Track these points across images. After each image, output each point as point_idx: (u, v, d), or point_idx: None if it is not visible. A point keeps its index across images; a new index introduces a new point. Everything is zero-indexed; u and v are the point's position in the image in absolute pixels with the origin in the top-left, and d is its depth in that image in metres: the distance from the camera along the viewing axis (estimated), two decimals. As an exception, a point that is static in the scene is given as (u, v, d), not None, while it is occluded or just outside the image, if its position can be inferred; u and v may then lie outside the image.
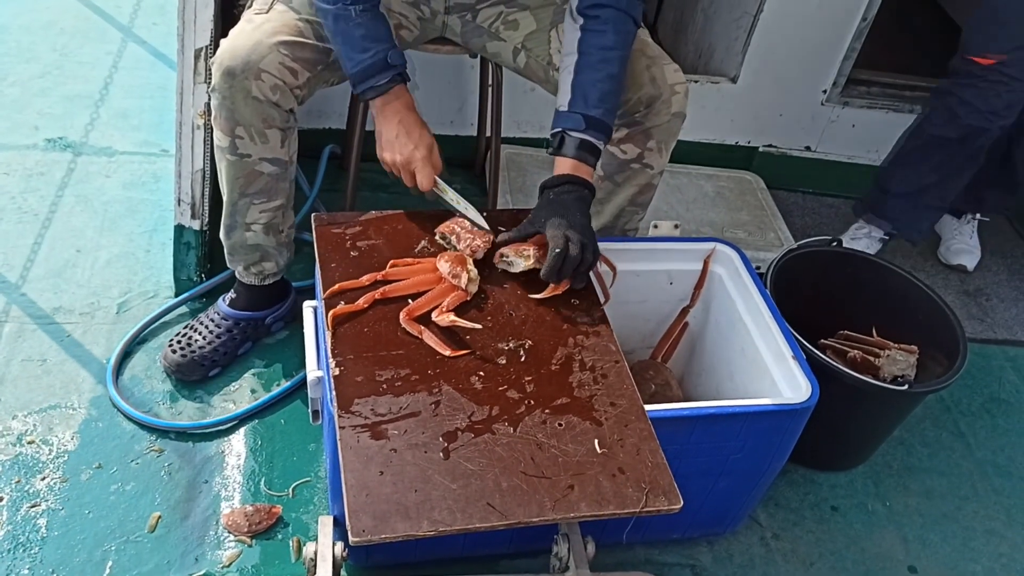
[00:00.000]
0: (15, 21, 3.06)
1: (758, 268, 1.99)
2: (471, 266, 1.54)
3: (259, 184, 1.79)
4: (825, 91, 2.79)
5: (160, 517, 1.72)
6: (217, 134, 1.73)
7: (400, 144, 1.64)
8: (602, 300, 1.60)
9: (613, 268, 1.68)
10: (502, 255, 1.57)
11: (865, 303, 2.12)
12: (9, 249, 2.21)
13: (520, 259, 1.57)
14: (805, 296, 2.00)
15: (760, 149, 2.90)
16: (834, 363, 1.86)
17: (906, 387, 1.92)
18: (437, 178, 1.66)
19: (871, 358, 2.01)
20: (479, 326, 1.47)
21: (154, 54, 3.04)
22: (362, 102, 1.67)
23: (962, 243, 2.76)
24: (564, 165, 1.63)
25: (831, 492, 2.04)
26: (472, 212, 1.64)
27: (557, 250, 1.50)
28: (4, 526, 1.66)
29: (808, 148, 2.92)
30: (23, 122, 2.63)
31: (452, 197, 1.66)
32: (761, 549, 1.89)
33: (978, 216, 2.78)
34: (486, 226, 1.62)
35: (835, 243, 2.14)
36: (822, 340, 2.06)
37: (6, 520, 1.67)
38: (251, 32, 1.65)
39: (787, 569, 1.86)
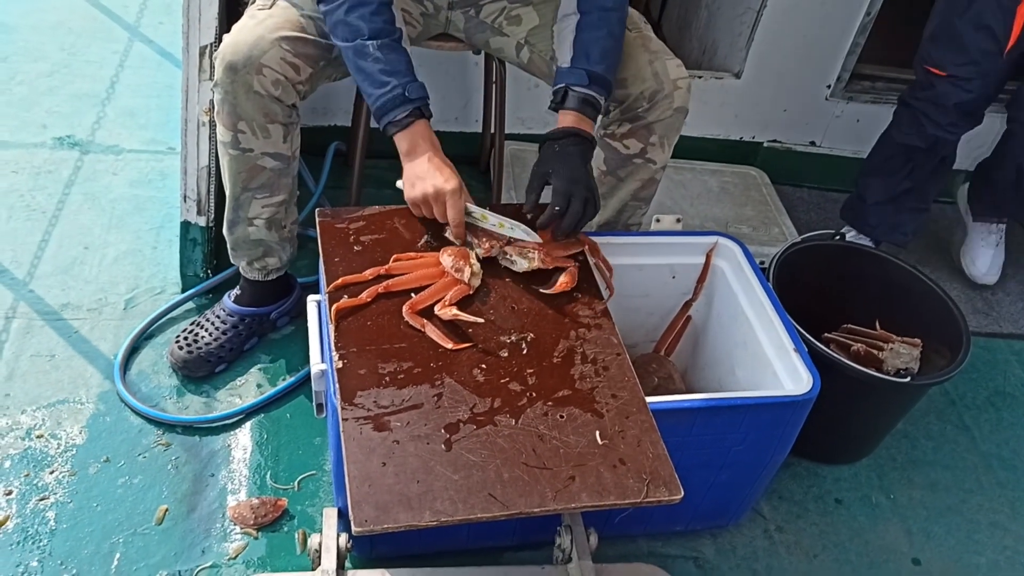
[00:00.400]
0: (24, 21, 3.08)
1: (762, 263, 2.00)
2: (474, 260, 1.55)
3: (261, 179, 1.80)
4: (829, 86, 2.79)
5: (167, 510, 1.74)
6: (220, 129, 1.75)
7: (431, 178, 1.60)
8: (606, 295, 1.61)
9: (610, 269, 1.68)
10: (505, 253, 1.58)
11: (869, 297, 2.13)
12: (18, 246, 2.23)
13: (523, 260, 1.57)
14: (809, 290, 2.00)
15: (764, 144, 2.90)
16: (837, 356, 1.86)
17: (908, 379, 1.92)
18: (472, 206, 1.63)
19: (875, 351, 2.01)
20: (481, 320, 1.49)
21: (160, 53, 3.06)
22: (386, 135, 1.66)
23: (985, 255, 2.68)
24: (567, 118, 1.66)
25: (835, 485, 2.04)
26: (519, 231, 1.61)
27: (556, 207, 1.57)
28: (13, 519, 1.68)
29: (813, 143, 2.92)
30: (31, 120, 2.65)
31: (493, 222, 1.62)
32: (765, 541, 1.89)
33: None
34: (537, 237, 1.60)
35: (838, 237, 2.14)
36: (826, 334, 2.07)
37: (15, 513, 1.69)
38: (253, 27, 1.67)
39: (790, 561, 1.87)
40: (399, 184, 1.66)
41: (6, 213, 2.32)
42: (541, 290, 1.55)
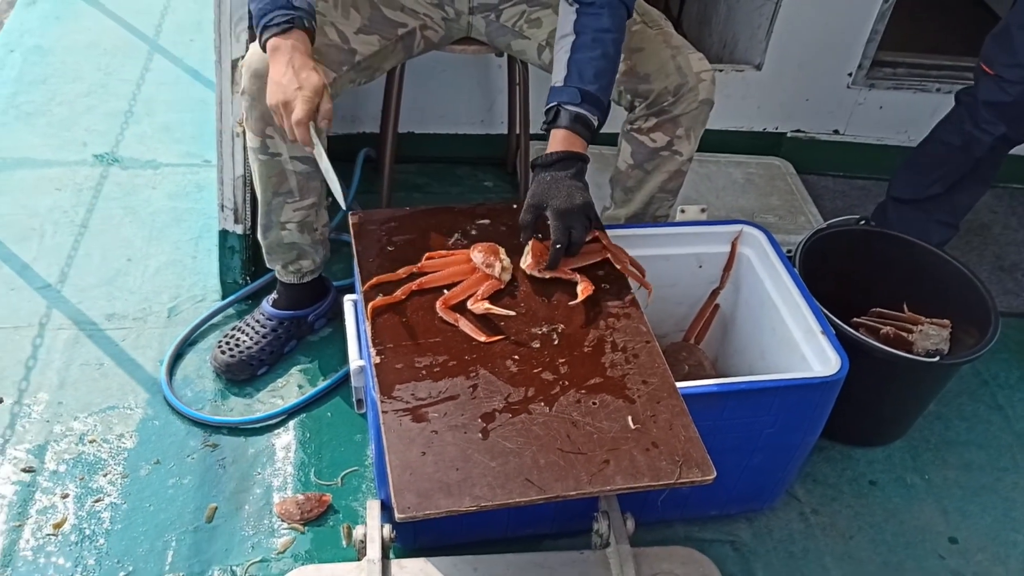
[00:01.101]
0: (59, 43, 3.17)
1: (789, 251, 2.02)
2: (503, 255, 1.60)
3: (291, 183, 1.86)
4: (850, 74, 2.80)
5: (216, 508, 1.80)
6: (248, 135, 1.80)
7: (286, 82, 1.53)
8: (644, 295, 1.63)
9: (641, 269, 1.67)
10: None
11: (896, 280, 2.14)
12: (64, 260, 2.31)
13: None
14: (836, 276, 2.02)
15: (788, 135, 2.92)
16: (866, 338, 1.88)
17: (937, 359, 1.93)
18: (314, 128, 1.56)
19: (904, 334, 2.03)
20: (512, 313, 1.53)
21: (191, 70, 3.13)
22: (262, 48, 1.59)
23: None
24: (557, 137, 1.63)
25: (869, 467, 2.06)
26: (335, 185, 1.59)
27: (558, 245, 1.56)
28: (70, 520, 1.75)
29: (836, 131, 2.94)
30: (72, 139, 2.74)
31: (319, 155, 1.58)
32: (800, 524, 1.92)
33: None
34: (342, 202, 1.60)
35: (863, 222, 2.16)
36: (855, 319, 2.09)
37: (72, 514, 1.76)
38: None
39: (826, 543, 1.89)
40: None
41: (51, 229, 2.40)
42: (569, 303, 1.56)
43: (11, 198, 2.49)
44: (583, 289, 1.57)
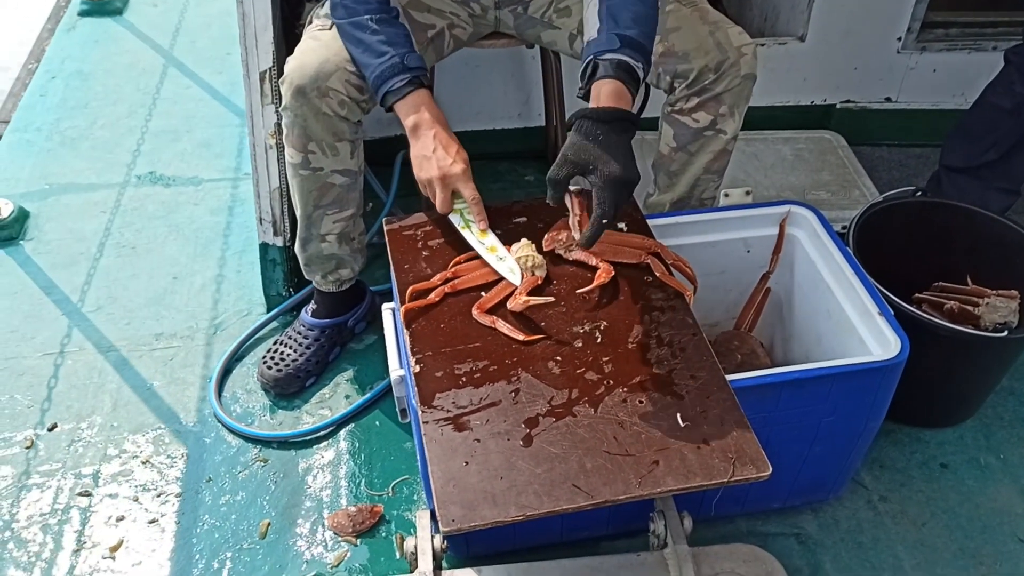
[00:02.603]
0: (100, 67, 3.21)
1: (844, 228, 1.94)
2: (534, 251, 1.55)
3: (331, 196, 1.84)
4: (900, 38, 2.69)
5: (269, 524, 1.79)
6: (289, 151, 1.79)
7: (439, 158, 1.58)
8: (686, 296, 1.53)
9: (688, 265, 1.60)
10: (555, 239, 1.56)
11: (959, 253, 2.04)
12: (112, 282, 2.33)
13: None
14: (894, 251, 1.94)
15: (837, 106, 2.82)
16: (930, 315, 1.80)
17: (1006, 333, 1.84)
18: (469, 207, 1.59)
19: (969, 308, 1.93)
20: (552, 299, 1.48)
21: (229, 84, 3.14)
22: (388, 113, 1.63)
23: None
24: (605, 91, 1.45)
25: (939, 449, 1.97)
26: (505, 266, 1.53)
27: (605, 220, 1.41)
28: (127, 543, 1.76)
29: (888, 99, 2.83)
30: (115, 161, 2.76)
31: (487, 242, 1.57)
32: (868, 512, 1.84)
33: None
34: (518, 280, 1.50)
35: (919, 193, 2.06)
36: (916, 295, 2.00)
37: (128, 537, 1.77)
38: (318, 49, 1.69)
39: (897, 531, 1.81)
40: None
41: (97, 251, 2.42)
42: (578, 291, 1.51)
43: (59, 224, 2.52)
44: (600, 274, 1.50)
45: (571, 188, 1.52)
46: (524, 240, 1.58)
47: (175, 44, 3.36)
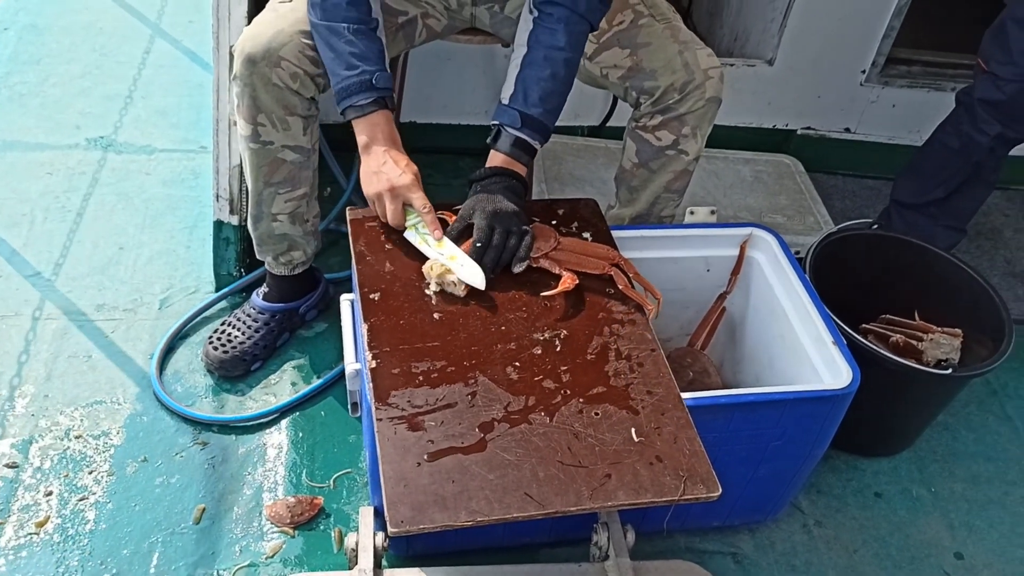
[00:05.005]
0: (56, 23, 3.11)
1: (797, 253, 1.97)
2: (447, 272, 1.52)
3: (283, 173, 1.81)
4: (864, 71, 2.74)
5: (204, 509, 1.75)
6: (240, 123, 1.75)
7: (387, 171, 1.58)
8: (647, 311, 1.54)
9: (654, 292, 1.61)
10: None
11: (907, 286, 2.09)
12: (53, 247, 2.26)
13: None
14: (845, 280, 1.97)
15: (798, 132, 2.86)
16: (876, 348, 1.83)
17: (950, 371, 1.88)
18: (421, 218, 1.58)
19: (914, 342, 1.98)
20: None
21: (190, 52, 3.07)
22: (345, 120, 1.63)
23: None
24: (495, 159, 1.62)
25: (875, 478, 2.01)
26: (466, 270, 1.50)
27: (478, 244, 1.51)
28: (54, 519, 1.70)
29: (847, 130, 2.88)
30: (65, 122, 2.68)
31: (444, 251, 1.54)
32: (803, 536, 1.87)
33: None
34: (481, 282, 1.49)
35: (875, 226, 2.10)
36: (864, 325, 2.04)
37: (56, 513, 1.71)
38: (273, 20, 1.67)
39: (830, 556, 1.84)
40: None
41: (42, 215, 2.34)
42: (542, 294, 1.51)
43: (2, 182, 2.43)
44: (564, 281, 1.51)
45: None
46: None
47: (134, 8, 3.27)
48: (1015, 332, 1.89)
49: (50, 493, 1.75)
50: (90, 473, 1.79)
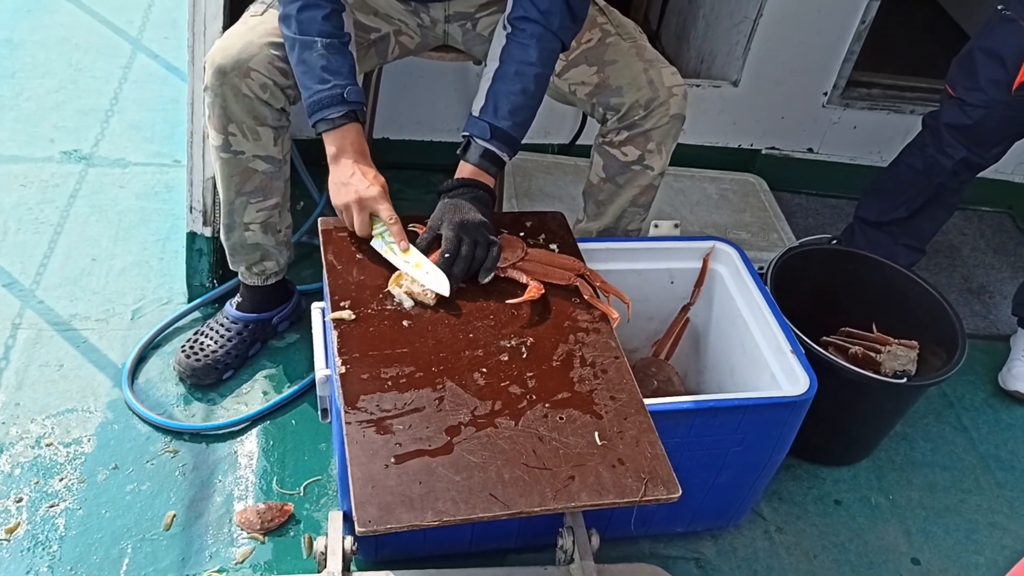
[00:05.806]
0: (30, 37, 3.13)
1: (761, 268, 2.02)
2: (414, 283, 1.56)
3: (254, 182, 1.83)
4: (826, 93, 2.82)
5: (175, 516, 1.77)
6: (211, 133, 1.78)
7: (355, 182, 1.61)
8: (612, 319, 1.58)
9: (622, 298, 1.66)
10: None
11: (866, 301, 2.15)
12: (26, 258, 2.27)
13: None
14: (806, 294, 2.03)
15: (763, 152, 2.93)
16: (835, 358, 1.89)
17: (905, 380, 1.94)
18: (387, 228, 1.61)
19: (872, 354, 2.04)
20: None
21: (165, 67, 3.10)
22: (318, 134, 1.65)
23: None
24: (464, 170, 1.67)
25: (834, 486, 2.06)
26: (431, 279, 1.54)
27: (447, 255, 1.55)
28: (24, 525, 1.71)
29: (810, 150, 2.95)
30: (39, 135, 2.69)
31: (411, 259, 1.57)
32: (765, 542, 1.91)
33: None
34: (446, 290, 1.53)
35: (835, 242, 2.16)
36: (824, 337, 2.09)
37: (26, 520, 1.72)
38: (244, 32, 1.70)
39: (791, 562, 1.89)
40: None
41: (15, 226, 2.36)
42: (507, 301, 1.55)
43: (-26, 193, 2.44)
44: (529, 290, 1.55)
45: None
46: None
47: (111, 23, 3.29)
48: (968, 345, 1.96)
49: (20, 500, 1.75)
50: (61, 480, 1.80)
